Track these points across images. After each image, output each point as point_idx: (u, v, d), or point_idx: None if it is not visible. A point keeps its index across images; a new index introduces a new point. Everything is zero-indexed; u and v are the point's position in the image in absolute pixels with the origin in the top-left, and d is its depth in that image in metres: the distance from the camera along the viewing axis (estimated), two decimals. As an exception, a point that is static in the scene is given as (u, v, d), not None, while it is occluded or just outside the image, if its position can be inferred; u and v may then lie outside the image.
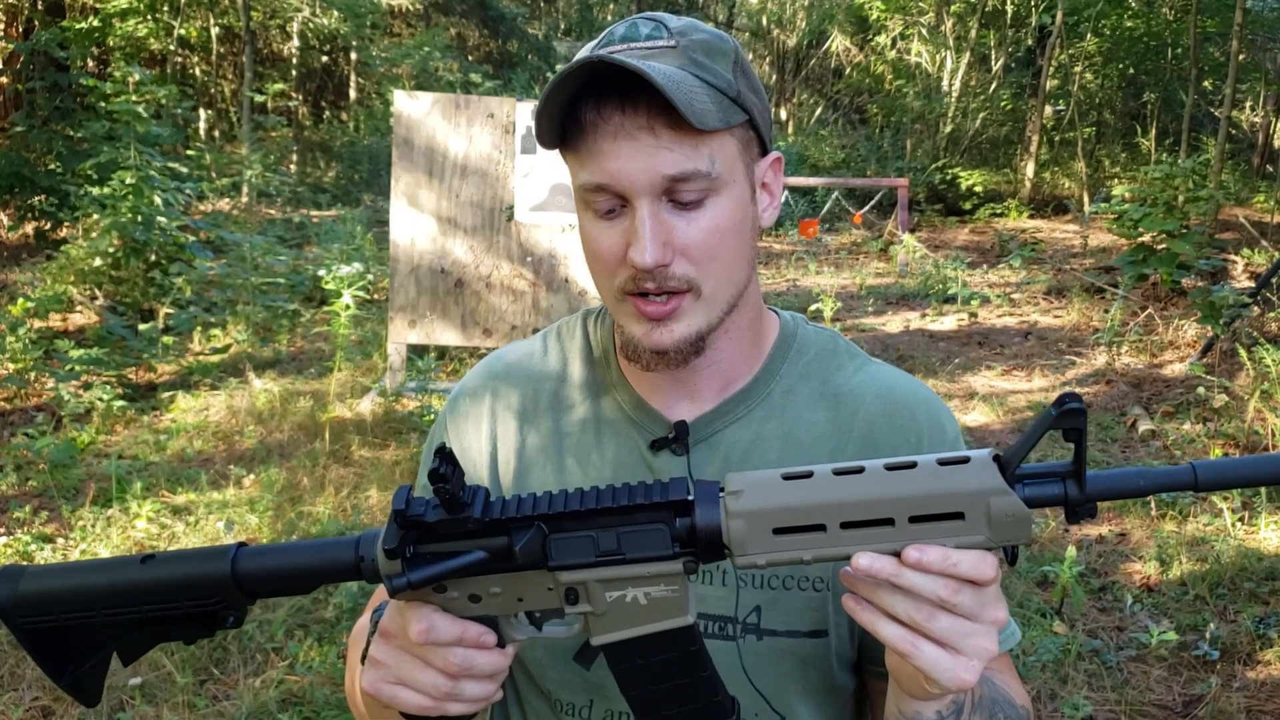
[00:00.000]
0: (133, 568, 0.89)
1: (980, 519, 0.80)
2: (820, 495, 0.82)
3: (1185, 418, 5.70)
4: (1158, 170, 8.40)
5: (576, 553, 0.86)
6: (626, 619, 0.88)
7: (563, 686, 1.12)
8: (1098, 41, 15.74)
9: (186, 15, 14.35)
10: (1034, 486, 0.82)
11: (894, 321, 8.51)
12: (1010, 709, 1.04)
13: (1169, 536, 4.26)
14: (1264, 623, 3.58)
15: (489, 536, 0.86)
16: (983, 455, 0.81)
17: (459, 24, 20.05)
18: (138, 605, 0.89)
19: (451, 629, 0.88)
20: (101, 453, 5.18)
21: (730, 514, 0.83)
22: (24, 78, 11.32)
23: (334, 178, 15.42)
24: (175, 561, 0.90)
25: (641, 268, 0.97)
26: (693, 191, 0.98)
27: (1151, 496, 4.47)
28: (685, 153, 0.97)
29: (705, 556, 0.85)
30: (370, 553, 0.88)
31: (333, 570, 0.90)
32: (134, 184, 7.25)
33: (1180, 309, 7.55)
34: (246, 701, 3.16)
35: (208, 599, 0.89)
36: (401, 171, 6.12)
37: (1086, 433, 0.78)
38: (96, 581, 0.90)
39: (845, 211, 13.02)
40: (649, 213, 0.97)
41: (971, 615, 0.81)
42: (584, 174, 1.00)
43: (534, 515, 0.86)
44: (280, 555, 0.90)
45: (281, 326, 7.56)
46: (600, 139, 0.97)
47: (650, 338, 1.02)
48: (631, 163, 0.96)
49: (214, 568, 0.88)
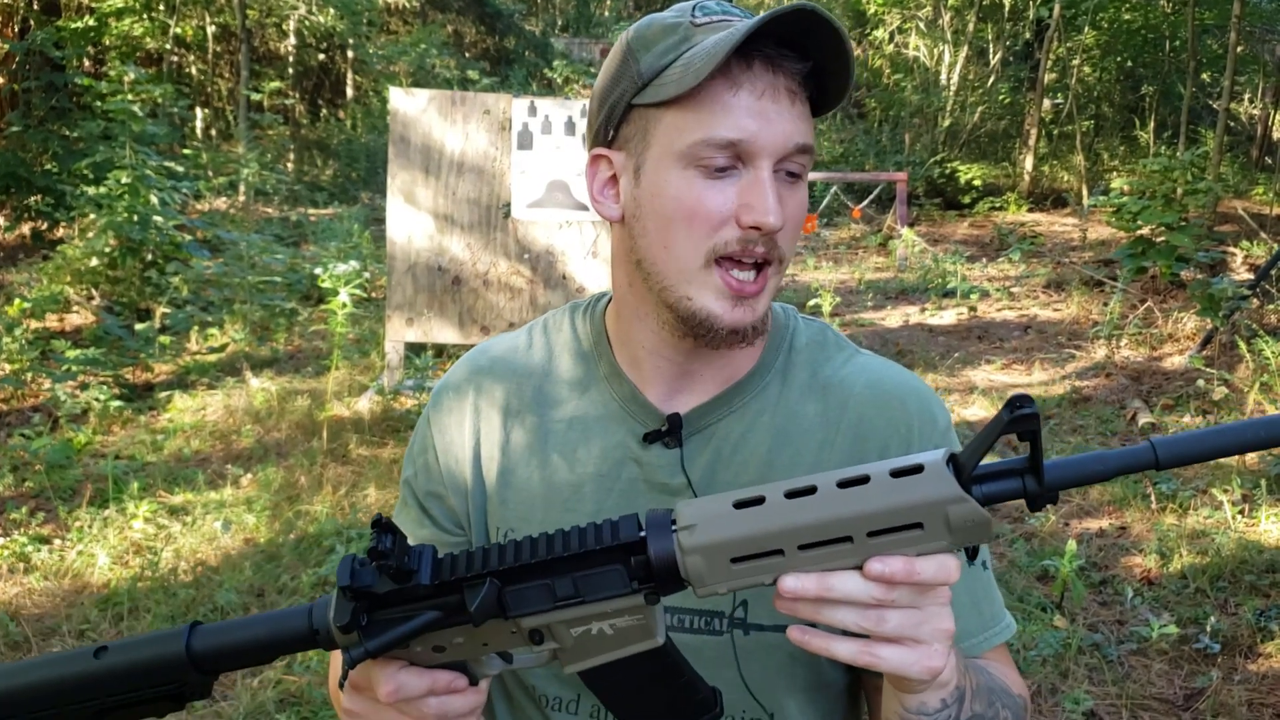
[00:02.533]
0: (86, 661, 0.88)
1: (939, 527, 0.79)
2: (774, 522, 0.80)
3: (1185, 410, 5.68)
4: (1156, 163, 8.38)
5: (534, 601, 0.85)
6: (595, 649, 0.87)
7: (549, 683, 1.12)
8: (1096, 34, 15.71)
9: (182, 14, 14.32)
10: (993, 484, 0.80)
11: (893, 316, 8.49)
12: (1008, 698, 1.03)
13: (1169, 529, 4.25)
14: (1265, 615, 3.57)
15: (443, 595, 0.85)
16: (937, 460, 0.79)
17: (456, 21, 20.01)
18: (98, 696, 0.88)
19: (420, 683, 0.87)
20: (98, 453, 5.17)
21: (685, 550, 0.81)
22: (20, 77, 11.29)
23: (331, 176, 15.39)
24: (129, 649, 0.89)
25: (768, 229, 0.97)
26: (801, 165, 1.01)
27: (1151, 491, 4.42)
28: (808, 127, 1.00)
29: (665, 589, 0.84)
30: (323, 624, 0.87)
31: (290, 642, 0.89)
32: (130, 183, 7.23)
33: (1179, 301, 7.53)
34: (244, 702, 3.15)
35: (167, 683, 0.88)
36: (398, 169, 6.10)
37: (1040, 433, 0.77)
38: (50, 677, 0.89)
39: (844, 206, 12.99)
40: (769, 176, 0.98)
41: (916, 605, 0.81)
42: (709, 129, 0.97)
43: (484, 572, 0.84)
44: (235, 632, 0.89)
45: (279, 325, 7.54)
46: (745, 95, 0.96)
47: (733, 314, 1.01)
48: (772, 124, 0.97)
49: (168, 651, 0.88)
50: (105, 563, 3.98)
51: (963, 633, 1.08)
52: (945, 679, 0.88)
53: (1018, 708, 1.05)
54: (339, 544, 4.09)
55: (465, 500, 1.17)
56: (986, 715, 0.96)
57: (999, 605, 1.13)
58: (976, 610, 1.10)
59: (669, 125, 1.00)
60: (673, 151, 0.99)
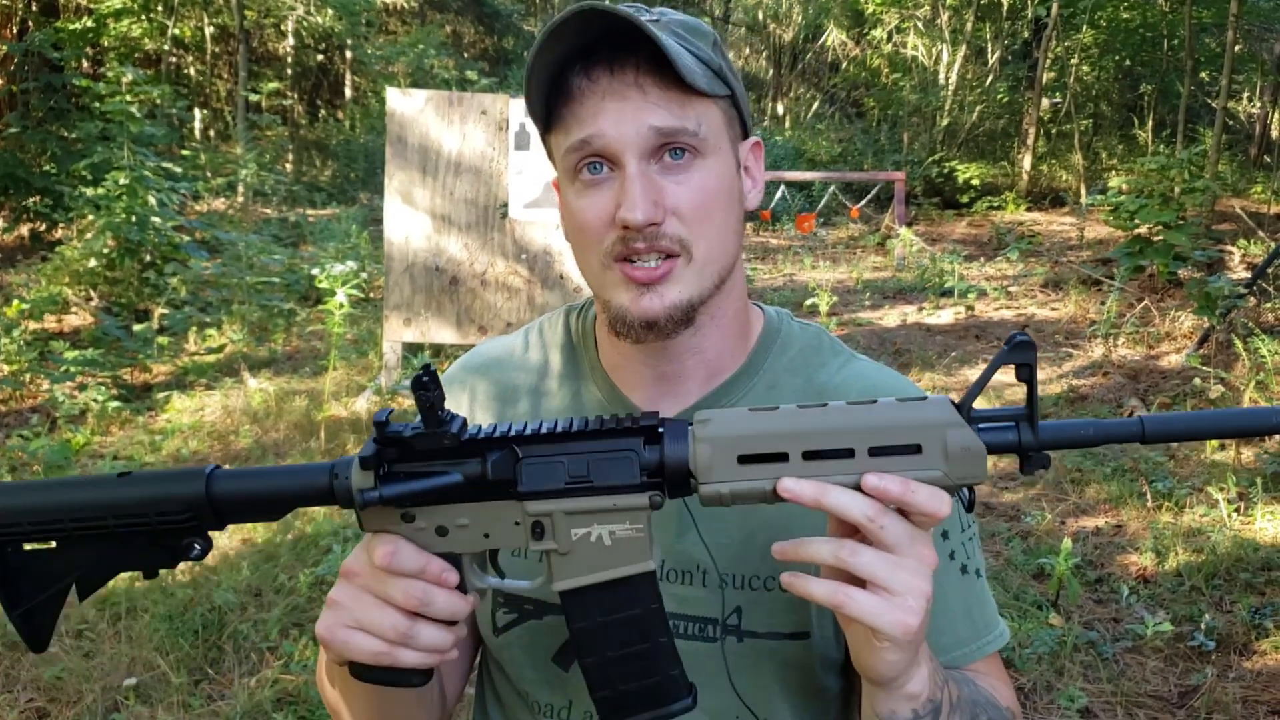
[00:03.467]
0: (109, 484, 0.90)
1: (937, 452, 0.82)
2: (784, 424, 0.84)
3: (1181, 409, 5.69)
4: (1153, 162, 8.39)
5: (546, 479, 0.86)
6: (590, 561, 0.88)
7: (541, 688, 1.12)
8: (1094, 33, 15.72)
9: (181, 15, 14.33)
10: (989, 431, 0.84)
11: (891, 315, 8.50)
12: (994, 710, 1.03)
13: (1165, 528, 4.26)
14: (1259, 613, 3.57)
15: (464, 458, 0.86)
16: (940, 396, 0.85)
17: (454, 21, 20.03)
18: (107, 519, 0.89)
19: (415, 558, 0.87)
20: (96, 454, 5.18)
21: (697, 439, 0.85)
22: (18, 79, 11.30)
23: (330, 176, 15.40)
24: (151, 480, 0.90)
25: (633, 225, 0.97)
26: (680, 150, 0.99)
27: (1147, 489, 4.43)
28: (673, 110, 0.97)
29: (672, 489, 0.86)
30: (345, 473, 0.88)
31: (306, 493, 0.89)
32: (128, 184, 7.24)
33: (1177, 300, 7.54)
34: (241, 701, 3.15)
35: (178, 516, 0.89)
36: (395, 169, 6.11)
37: (1037, 371, 0.81)
38: (71, 495, 0.90)
39: (842, 206, 13.00)
40: (638, 170, 0.98)
41: (897, 547, 0.81)
42: (569, 137, 0.99)
43: (508, 437, 0.87)
44: (254, 479, 0.91)
45: (277, 326, 7.55)
46: (588, 101, 0.98)
47: (639, 304, 1.00)
48: (620, 119, 0.97)
49: (189, 487, 0.88)
50: (103, 563, 3.99)
51: (955, 641, 1.07)
52: (916, 690, 0.88)
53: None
54: (336, 544, 4.10)
55: None
56: None
57: (992, 613, 1.13)
58: (969, 618, 1.09)
59: (554, 149, 1.04)
60: (562, 172, 1.04)
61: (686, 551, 1.06)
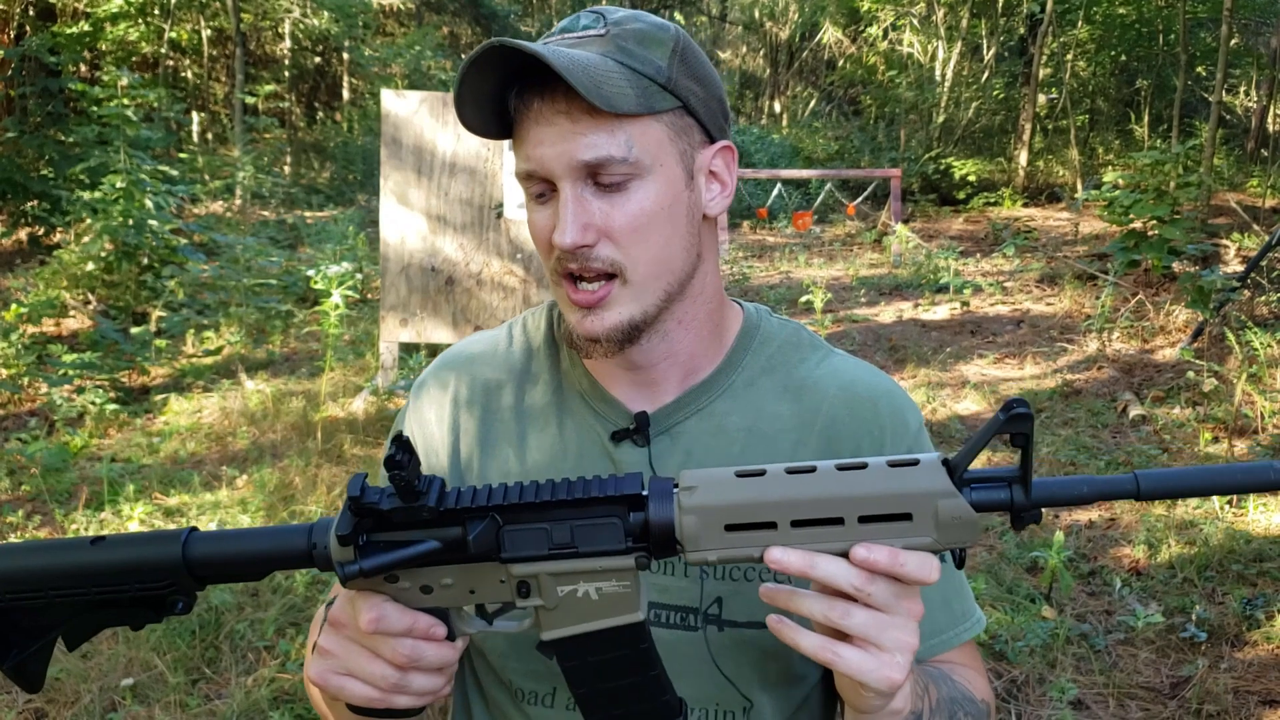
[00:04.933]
0: (83, 550, 0.88)
1: (928, 520, 0.81)
2: (772, 493, 0.83)
3: (1176, 402, 5.71)
4: (1148, 156, 8.40)
5: (530, 545, 0.86)
6: (577, 614, 0.88)
7: (525, 676, 1.12)
8: (1089, 29, 15.72)
9: (177, 18, 14.34)
10: (981, 491, 0.84)
11: (887, 312, 8.51)
12: (970, 705, 1.05)
13: (1158, 520, 4.27)
14: (1251, 604, 3.59)
15: (443, 526, 0.85)
16: (932, 458, 0.83)
17: (451, 22, 20.03)
18: (87, 588, 0.88)
19: (402, 619, 0.88)
20: (94, 456, 5.20)
21: (683, 509, 0.84)
22: (15, 83, 11.32)
23: (328, 179, 15.41)
24: (126, 545, 0.89)
25: (561, 248, 0.99)
26: (613, 176, 0.99)
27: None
28: (600, 138, 0.98)
29: (658, 552, 0.86)
30: (323, 540, 0.87)
31: (284, 557, 0.89)
32: (125, 188, 7.26)
33: (1171, 294, 7.55)
34: (238, 700, 3.17)
35: (157, 583, 0.88)
36: (390, 170, 6.12)
37: (1033, 439, 0.80)
38: (46, 563, 0.89)
39: (839, 203, 13.02)
40: (571, 195, 1.00)
41: (886, 607, 0.82)
42: (518, 162, 1.03)
43: (489, 506, 0.86)
44: (232, 541, 0.90)
45: (274, 327, 7.56)
46: (525, 125, 1.01)
47: (583, 325, 1.03)
48: (551, 148, 0.99)
49: (165, 552, 0.88)
50: (101, 564, 4.01)
51: (933, 628, 1.09)
52: (899, 707, 0.89)
53: (980, 714, 1.06)
54: (333, 543, 4.12)
55: None
56: None
57: (969, 601, 1.15)
58: (946, 606, 1.11)
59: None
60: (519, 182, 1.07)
61: None
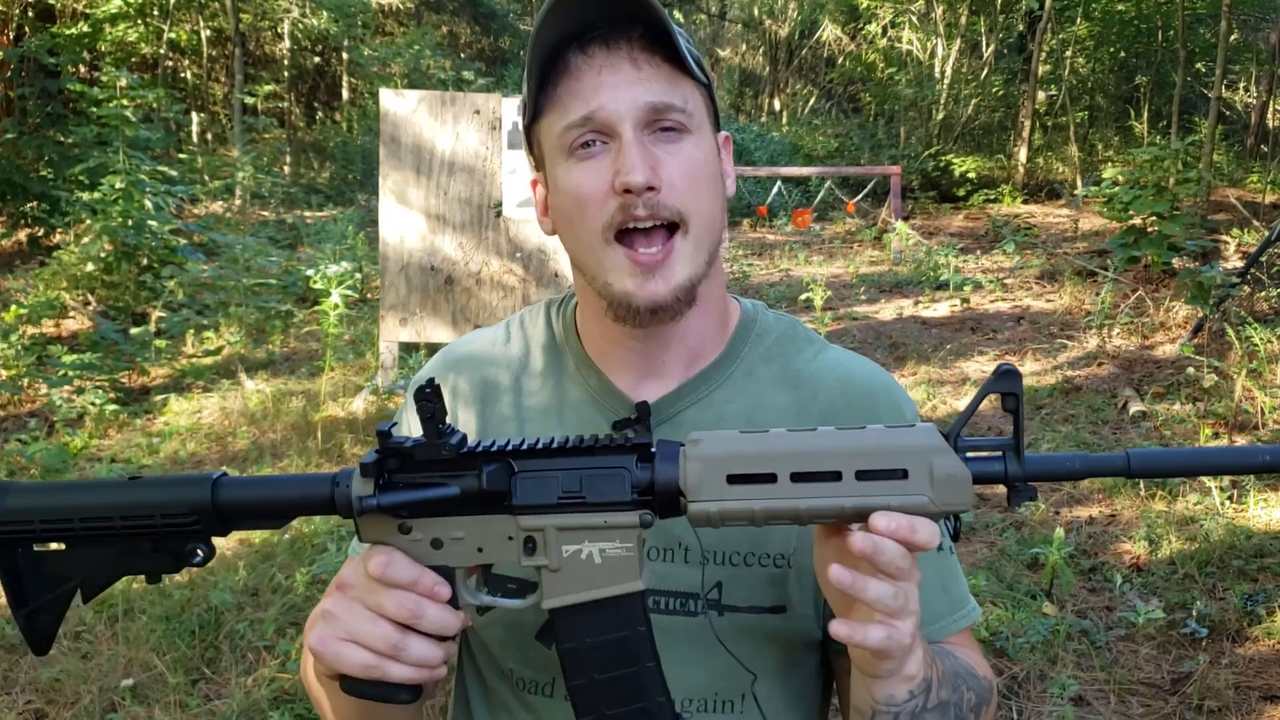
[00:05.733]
0: (119, 487, 0.93)
1: (923, 478, 0.83)
2: (772, 444, 0.86)
3: (1176, 398, 5.70)
4: (1147, 152, 8.39)
5: (539, 494, 0.89)
6: (581, 578, 0.90)
7: (526, 665, 1.13)
8: (1088, 25, 15.71)
9: (176, 19, 14.34)
10: (975, 461, 0.85)
11: (887, 309, 8.51)
12: (973, 680, 1.06)
13: (1158, 516, 4.27)
14: (1252, 599, 3.59)
15: (461, 469, 0.89)
16: (927, 424, 0.86)
17: (450, 21, 20.03)
18: (114, 519, 0.92)
19: (409, 570, 0.90)
20: (94, 457, 5.20)
21: (688, 457, 0.87)
22: (14, 84, 11.33)
23: (328, 178, 15.42)
24: (159, 484, 0.94)
25: (634, 188, 0.99)
26: (672, 122, 1.02)
27: (1142, 480, 4.43)
28: (665, 86, 1.02)
29: (662, 509, 0.88)
30: (346, 482, 0.90)
31: (308, 502, 0.92)
32: (124, 188, 7.26)
33: (1171, 290, 7.55)
34: (238, 700, 3.17)
35: (183, 519, 0.92)
36: (390, 169, 6.12)
37: (1023, 401, 0.82)
38: (81, 496, 0.93)
39: (839, 201, 13.01)
40: (635, 137, 1.01)
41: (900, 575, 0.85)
42: (567, 115, 1.02)
43: (505, 451, 0.90)
44: (257, 487, 0.94)
45: (274, 328, 7.57)
46: (585, 76, 1.01)
47: (646, 289, 1.03)
48: (616, 91, 1.00)
49: (194, 492, 0.92)
50: (101, 565, 4.01)
51: (932, 615, 1.11)
52: (913, 672, 0.91)
53: (983, 689, 1.08)
54: (331, 543, 4.12)
55: None
56: (952, 700, 0.99)
57: (965, 589, 1.18)
58: (945, 593, 1.13)
59: (547, 131, 1.06)
60: (556, 151, 1.06)
61: (669, 529, 1.08)
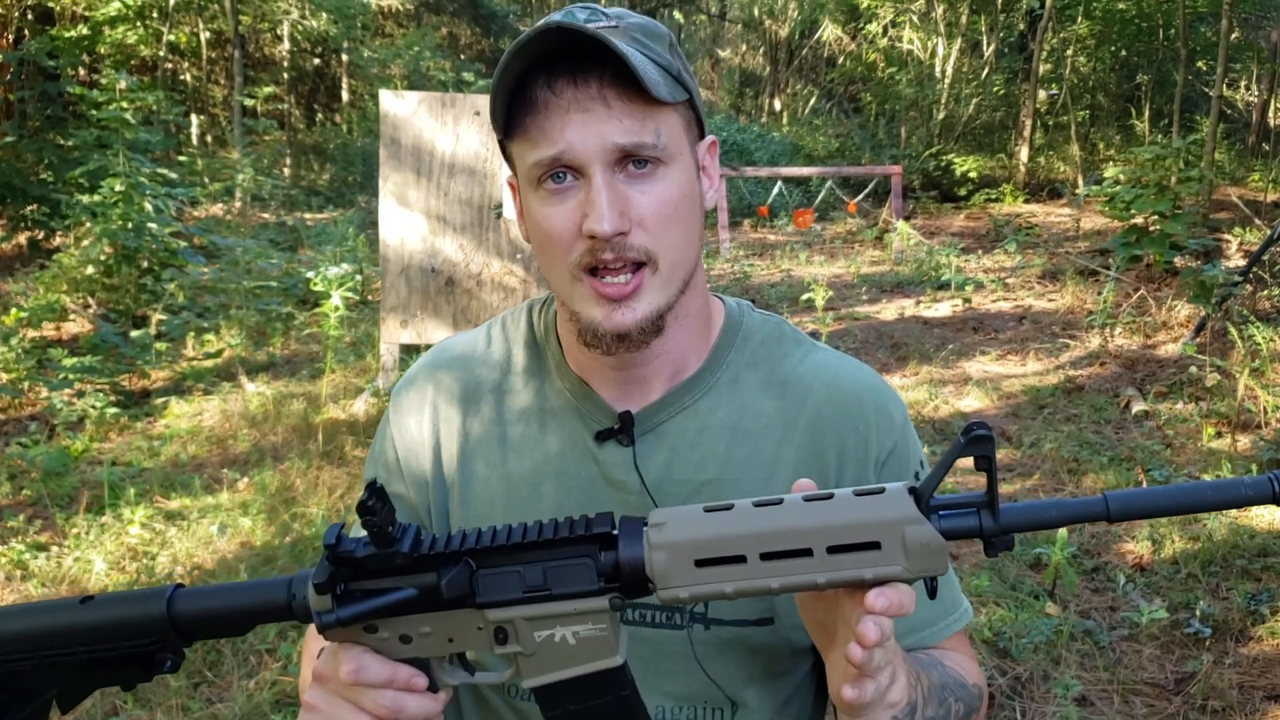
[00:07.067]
0: (71, 609, 0.90)
1: (896, 548, 0.81)
2: (740, 527, 0.83)
3: (1178, 397, 5.69)
4: (1149, 151, 8.38)
5: (503, 589, 0.86)
6: (556, 659, 0.88)
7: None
8: (1089, 24, 15.70)
9: (176, 21, 14.34)
10: (950, 519, 0.83)
11: (888, 309, 8.50)
12: (961, 690, 1.05)
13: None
14: (1256, 599, 3.58)
15: (418, 573, 0.86)
16: (897, 487, 0.83)
17: (450, 23, 20.04)
18: (75, 648, 0.90)
19: (382, 670, 0.88)
20: (95, 460, 5.19)
21: (653, 546, 0.84)
22: (14, 87, 11.32)
23: (328, 180, 15.42)
24: (113, 603, 0.91)
25: (601, 236, 0.97)
26: (644, 161, 0.99)
27: (1144, 477, 4.41)
28: (635, 123, 0.98)
29: (630, 592, 0.86)
30: (301, 591, 0.88)
31: (266, 611, 0.90)
32: (124, 191, 7.25)
33: (1173, 289, 7.54)
34: (240, 703, 3.16)
35: (144, 641, 0.90)
36: (390, 171, 6.11)
37: (995, 461, 0.79)
38: (36, 624, 0.91)
39: (840, 200, 13.00)
40: (604, 181, 0.98)
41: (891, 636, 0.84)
42: (536, 151, 0.99)
43: (461, 550, 0.86)
44: (215, 597, 0.91)
45: (275, 330, 7.55)
46: (553, 113, 0.98)
47: (612, 319, 1.01)
48: (585, 132, 0.97)
49: (150, 609, 0.90)
50: (102, 569, 4.00)
51: (923, 621, 1.11)
52: (895, 699, 0.90)
53: (971, 698, 1.07)
54: (334, 545, 4.11)
55: (427, 496, 1.18)
56: (938, 716, 0.99)
57: (957, 592, 1.16)
58: (938, 599, 1.11)
59: (518, 156, 1.04)
60: (526, 180, 1.04)
61: None
